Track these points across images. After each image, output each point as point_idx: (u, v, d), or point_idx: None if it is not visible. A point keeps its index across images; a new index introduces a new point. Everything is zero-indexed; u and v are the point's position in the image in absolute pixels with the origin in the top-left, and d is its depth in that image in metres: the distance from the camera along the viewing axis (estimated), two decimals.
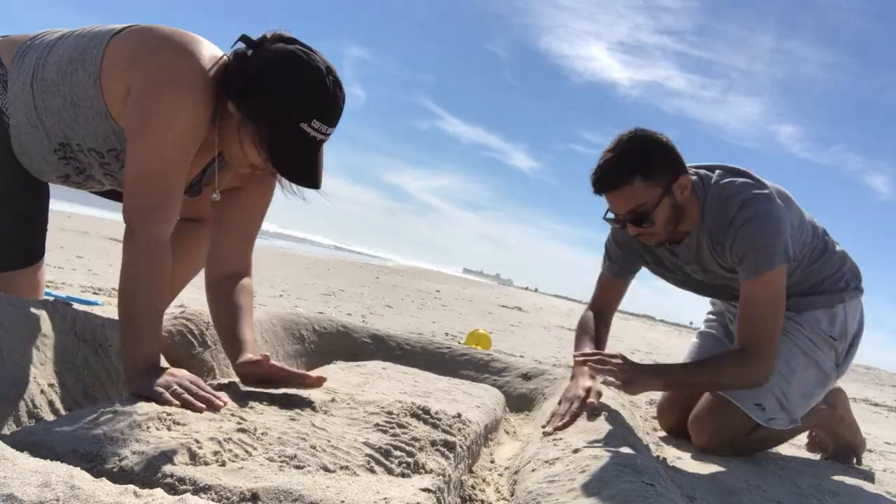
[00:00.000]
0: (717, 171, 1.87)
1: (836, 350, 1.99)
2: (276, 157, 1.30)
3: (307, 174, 1.33)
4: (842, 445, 2.28)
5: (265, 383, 1.36)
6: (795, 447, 2.45)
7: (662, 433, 2.26)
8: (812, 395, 1.97)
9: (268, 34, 1.34)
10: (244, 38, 1.34)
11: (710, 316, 2.40)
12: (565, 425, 1.53)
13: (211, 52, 1.35)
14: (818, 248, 1.98)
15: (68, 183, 1.52)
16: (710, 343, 2.32)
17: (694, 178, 1.83)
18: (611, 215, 1.82)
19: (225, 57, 1.37)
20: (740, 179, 1.83)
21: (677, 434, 2.17)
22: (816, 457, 2.34)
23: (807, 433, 2.42)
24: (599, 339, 2.01)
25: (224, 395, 1.23)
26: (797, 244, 1.86)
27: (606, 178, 1.72)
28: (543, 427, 1.57)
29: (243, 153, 1.35)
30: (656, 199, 1.72)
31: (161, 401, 1.12)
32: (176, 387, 1.16)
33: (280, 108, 1.28)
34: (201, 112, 1.30)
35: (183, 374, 1.23)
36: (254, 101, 1.29)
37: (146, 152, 1.26)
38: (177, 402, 1.13)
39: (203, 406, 1.14)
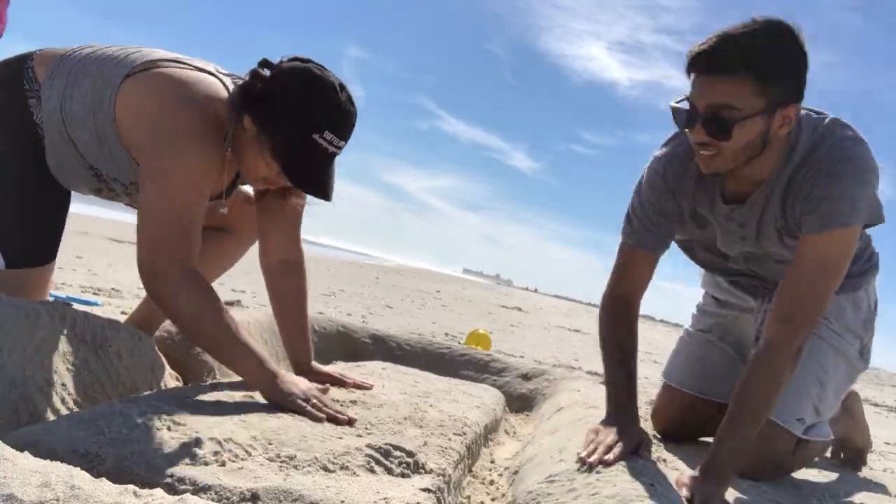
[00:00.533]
0: (821, 117, 1.47)
1: (861, 339, 1.79)
2: (288, 167, 1.34)
3: (318, 185, 1.37)
4: (851, 449, 2.18)
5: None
6: None
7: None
8: (843, 391, 1.79)
9: (284, 57, 1.39)
10: (264, 62, 1.39)
11: (703, 317, 2.10)
12: (608, 463, 1.22)
13: (211, 88, 1.40)
14: None
15: (100, 196, 1.59)
16: (708, 352, 2.04)
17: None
18: (684, 104, 1.38)
19: (228, 82, 1.45)
20: (842, 126, 1.44)
21: (672, 436, 2.01)
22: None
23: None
24: (631, 351, 1.56)
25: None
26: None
27: (715, 57, 1.29)
28: (580, 455, 1.27)
29: (263, 165, 1.39)
30: (751, 111, 1.30)
31: (310, 415, 1.24)
32: (315, 400, 1.29)
33: (293, 120, 1.32)
34: (210, 152, 1.35)
35: (304, 383, 1.35)
36: (269, 114, 1.34)
37: (168, 192, 1.30)
38: (323, 417, 1.24)
39: (346, 418, 1.26)
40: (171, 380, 1.58)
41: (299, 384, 1.33)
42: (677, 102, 1.39)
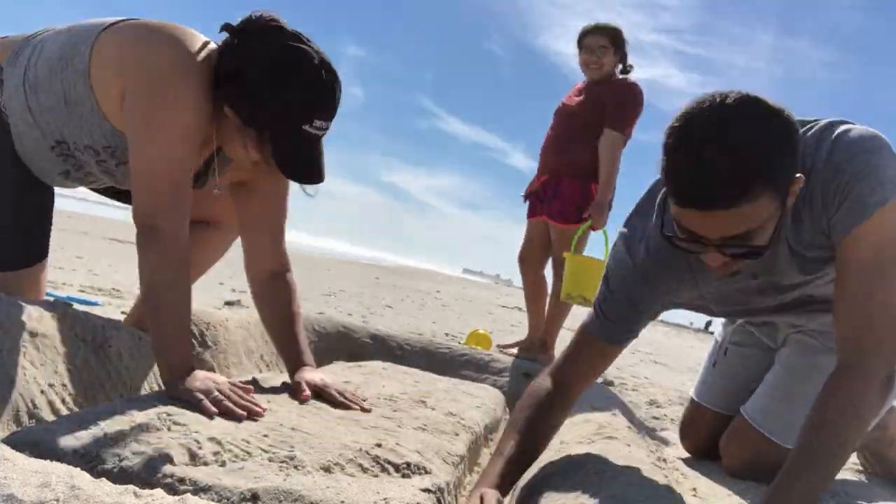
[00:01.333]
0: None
1: None
2: (280, 160, 1.31)
3: (312, 173, 1.34)
4: (887, 469, 1.99)
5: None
6: None
7: (662, 433, 2.25)
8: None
9: (254, 16, 1.30)
10: (227, 28, 1.31)
11: (733, 325, 1.87)
12: None
13: (202, 43, 1.33)
14: None
15: (70, 179, 1.51)
16: (743, 365, 1.79)
17: None
18: (682, 237, 1.13)
19: (213, 46, 1.35)
20: (823, 131, 1.19)
21: (702, 456, 1.84)
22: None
23: (856, 454, 2.04)
24: (540, 436, 1.28)
25: (261, 401, 1.23)
26: None
27: (714, 194, 1.01)
28: None
29: (246, 153, 1.35)
30: (770, 215, 1.07)
31: (202, 408, 1.12)
32: (216, 393, 1.17)
33: (281, 114, 1.28)
34: (203, 106, 1.29)
35: (220, 379, 1.23)
36: (253, 107, 1.28)
37: (157, 151, 1.25)
38: (215, 410, 1.13)
39: (244, 414, 1.14)
40: None
41: (206, 380, 1.20)
42: (676, 238, 1.14)
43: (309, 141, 1.31)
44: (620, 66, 3.00)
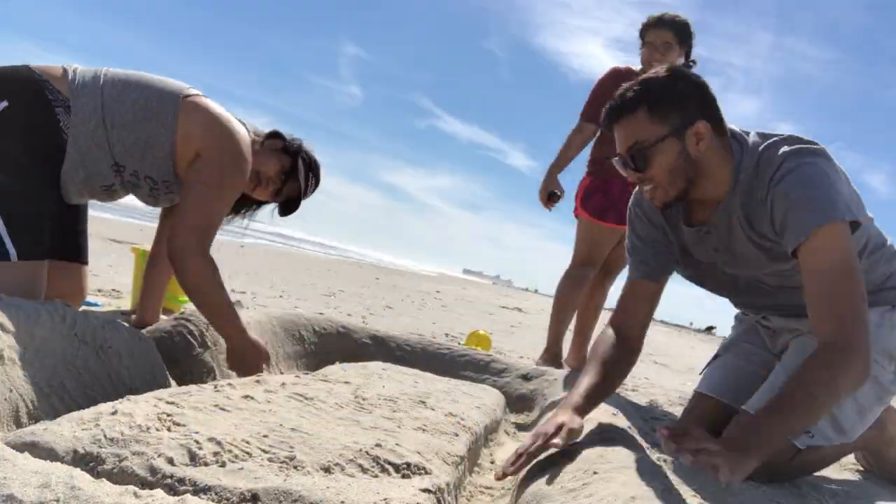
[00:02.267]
0: (756, 133, 1.56)
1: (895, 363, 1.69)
2: (283, 214, 2.04)
3: (289, 215, 2.06)
4: (887, 468, 2.06)
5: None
6: None
7: (662, 433, 2.24)
8: (869, 410, 1.71)
9: (303, 148, 2.00)
10: (283, 143, 1.97)
11: (742, 324, 2.04)
12: (518, 468, 1.24)
13: (245, 129, 1.85)
14: (878, 238, 1.68)
15: (106, 195, 1.81)
16: (748, 361, 1.95)
17: (728, 136, 1.54)
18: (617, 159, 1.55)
19: (255, 135, 1.94)
20: (785, 138, 1.52)
21: None
22: None
23: (853, 455, 2.14)
24: (609, 375, 1.54)
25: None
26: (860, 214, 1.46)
27: (613, 109, 1.50)
28: (497, 475, 1.27)
29: (251, 192, 1.98)
30: (657, 136, 1.46)
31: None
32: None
33: (300, 198, 2.03)
34: (246, 177, 1.82)
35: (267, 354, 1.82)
36: (291, 199, 2.02)
37: (220, 204, 1.73)
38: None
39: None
40: (171, 380, 1.58)
41: (262, 355, 1.79)
42: (612, 158, 1.56)
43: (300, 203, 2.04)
44: (683, 62, 2.77)
